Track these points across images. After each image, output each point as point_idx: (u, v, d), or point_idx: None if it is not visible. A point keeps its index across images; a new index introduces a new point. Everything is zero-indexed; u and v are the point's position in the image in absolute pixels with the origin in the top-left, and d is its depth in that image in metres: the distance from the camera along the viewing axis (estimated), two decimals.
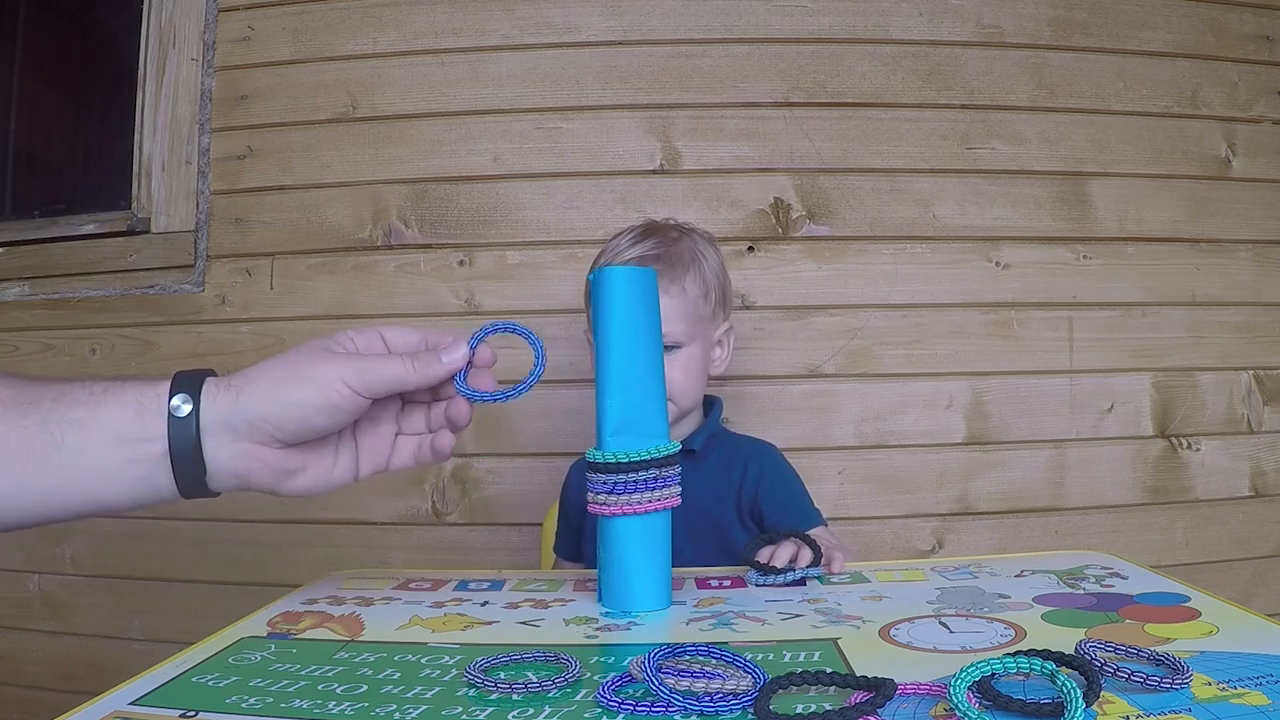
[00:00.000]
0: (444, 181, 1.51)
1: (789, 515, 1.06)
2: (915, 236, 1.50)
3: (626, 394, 0.74)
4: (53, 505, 0.56)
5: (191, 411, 0.57)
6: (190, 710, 0.50)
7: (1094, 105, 1.53)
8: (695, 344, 1.12)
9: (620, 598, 0.72)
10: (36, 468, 0.55)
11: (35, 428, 0.55)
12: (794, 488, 1.13)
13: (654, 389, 0.76)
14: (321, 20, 1.54)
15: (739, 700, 0.47)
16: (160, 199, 1.60)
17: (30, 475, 0.55)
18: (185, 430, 0.57)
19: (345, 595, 0.78)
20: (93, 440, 0.56)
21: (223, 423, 0.58)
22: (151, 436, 0.57)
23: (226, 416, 0.58)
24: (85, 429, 0.56)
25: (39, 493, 0.56)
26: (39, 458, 0.55)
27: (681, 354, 1.10)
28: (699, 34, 1.50)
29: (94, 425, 0.56)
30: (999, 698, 0.45)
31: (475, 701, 0.51)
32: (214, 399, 0.58)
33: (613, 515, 0.72)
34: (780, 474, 1.14)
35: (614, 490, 0.72)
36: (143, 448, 0.57)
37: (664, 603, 0.73)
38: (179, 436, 0.57)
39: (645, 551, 0.73)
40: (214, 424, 0.58)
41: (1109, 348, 1.51)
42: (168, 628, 1.52)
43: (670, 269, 1.11)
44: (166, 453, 0.57)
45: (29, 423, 0.55)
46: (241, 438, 0.59)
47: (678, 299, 1.10)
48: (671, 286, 1.10)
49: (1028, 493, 1.49)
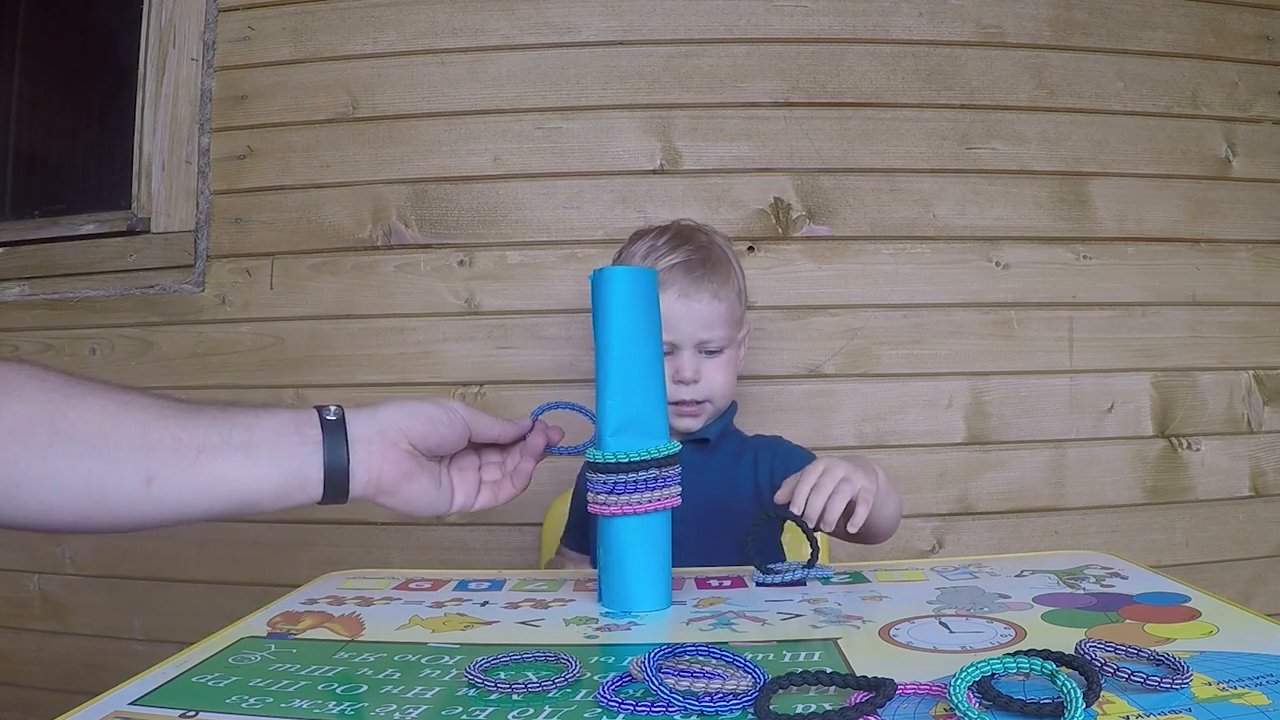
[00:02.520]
0: (444, 181, 1.51)
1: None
2: (915, 236, 1.50)
3: (626, 394, 0.74)
4: (215, 495, 0.64)
5: (340, 417, 0.70)
6: (190, 710, 0.51)
7: (1094, 105, 1.53)
8: (733, 346, 1.15)
9: (620, 598, 0.72)
10: (206, 460, 0.64)
11: (205, 429, 0.64)
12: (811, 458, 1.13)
13: (654, 389, 0.76)
14: (321, 20, 1.54)
15: (739, 700, 0.47)
16: (160, 199, 1.60)
17: (201, 466, 0.63)
18: (335, 429, 0.69)
19: (345, 595, 0.78)
20: (257, 438, 0.66)
21: (364, 424, 0.70)
22: (306, 435, 0.68)
23: (366, 420, 0.71)
24: (251, 430, 0.66)
25: (207, 483, 0.64)
26: (209, 452, 0.64)
27: (724, 357, 1.13)
28: (699, 34, 1.50)
29: (258, 427, 0.66)
30: (999, 698, 0.45)
31: (475, 701, 0.51)
32: (356, 413, 0.71)
33: (612, 515, 0.73)
34: (794, 451, 1.15)
35: (614, 490, 0.72)
36: (299, 445, 0.67)
37: (664, 603, 0.73)
38: (331, 434, 0.68)
39: (645, 551, 0.73)
40: (357, 427, 0.70)
41: (1109, 348, 1.51)
42: (168, 628, 1.52)
43: (714, 273, 1.13)
44: (319, 445, 0.68)
45: (198, 425, 0.64)
46: (377, 438, 0.70)
47: (725, 304, 1.12)
48: (721, 290, 1.12)
49: (1028, 493, 1.49)
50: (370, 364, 1.51)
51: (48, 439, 0.60)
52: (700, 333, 1.11)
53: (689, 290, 1.11)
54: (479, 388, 1.49)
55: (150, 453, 0.62)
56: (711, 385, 1.12)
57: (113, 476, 0.61)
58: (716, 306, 1.12)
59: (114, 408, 0.63)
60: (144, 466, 0.62)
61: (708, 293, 1.11)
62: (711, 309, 1.11)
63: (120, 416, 0.63)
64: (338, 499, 0.69)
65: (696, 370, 1.11)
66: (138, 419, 0.63)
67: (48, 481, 0.60)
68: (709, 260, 1.14)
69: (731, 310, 1.14)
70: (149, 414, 0.64)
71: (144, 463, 0.62)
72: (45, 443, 0.60)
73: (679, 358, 1.11)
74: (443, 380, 1.49)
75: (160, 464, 0.62)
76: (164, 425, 0.63)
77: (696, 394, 1.11)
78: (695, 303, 1.11)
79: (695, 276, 1.12)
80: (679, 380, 1.11)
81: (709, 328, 1.11)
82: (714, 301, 1.11)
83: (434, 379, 1.49)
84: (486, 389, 1.49)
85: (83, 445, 0.61)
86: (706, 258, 1.14)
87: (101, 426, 0.61)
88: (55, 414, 0.60)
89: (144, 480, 0.62)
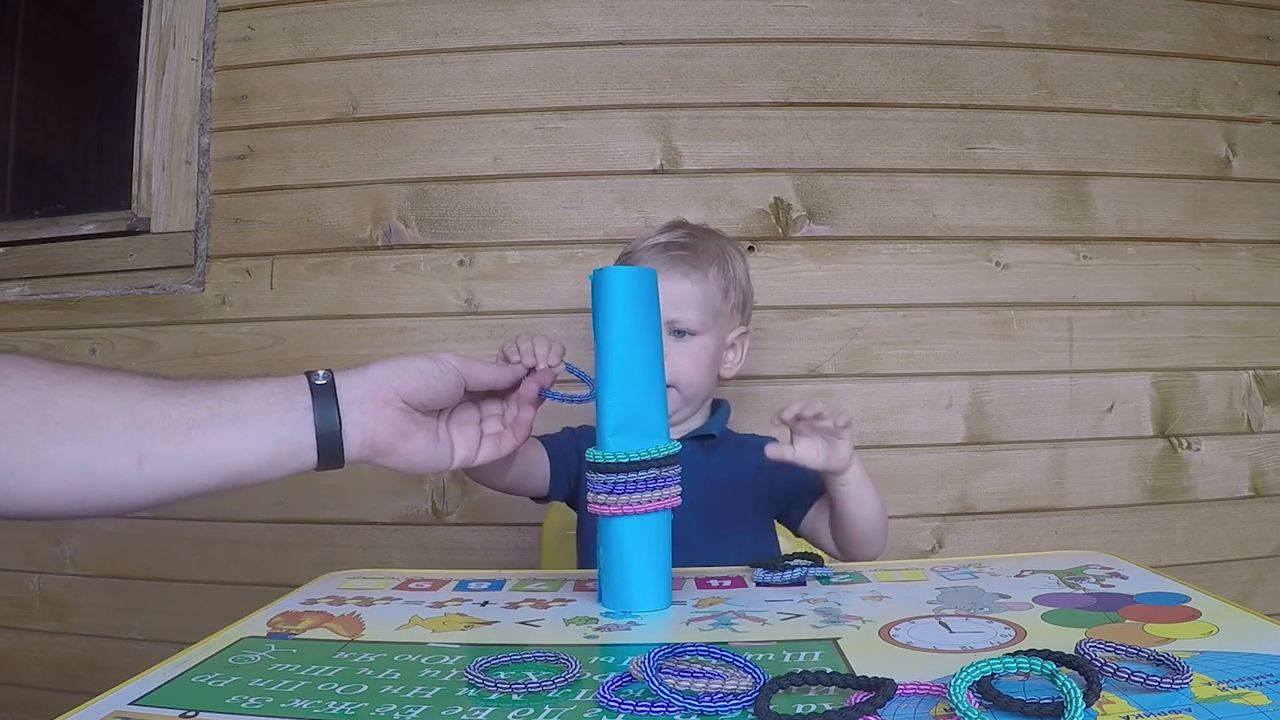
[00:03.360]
0: (444, 181, 1.51)
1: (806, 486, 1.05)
2: (915, 236, 1.50)
3: (626, 394, 0.74)
4: (208, 469, 0.64)
5: (329, 381, 0.69)
6: (190, 710, 0.51)
7: (1094, 105, 1.53)
8: (709, 336, 1.11)
9: (620, 598, 0.72)
10: (196, 435, 0.63)
11: (193, 404, 0.64)
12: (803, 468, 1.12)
13: (654, 389, 0.76)
14: (321, 20, 1.54)
15: (739, 700, 0.47)
16: (160, 199, 1.60)
17: (191, 441, 0.63)
18: (325, 393, 0.68)
19: (345, 595, 0.78)
20: (247, 409, 0.65)
21: (354, 386, 0.70)
22: (296, 401, 0.67)
23: (356, 382, 0.70)
24: (240, 401, 0.65)
25: (198, 457, 0.63)
26: (199, 427, 0.63)
27: (694, 342, 1.10)
28: (699, 34, 1.50)
29: (247, 397, 0.66)
30: (999, 698, 0.45)
31: (475, 701, 0.51)
32: (345, 375, 0.70)
33: (613, 515, 0.73)
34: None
35: (614, 490, 0.72)
36: (289, 412, 0.66)
37: (664, 603, 0.73)
38: (321, 398, 0.68)
39: (645, 551, 0.73)
40: (347, 390, 0.69)
41: (1109, 348, 1.51)
42: (168, 628, 1.51)
43: (695, 256, 1.12)
44: (309, 410, 0.67)
45: (186, 400, 0.64)
46: (368, 399, 0.70)
47: (699, 285, 1.10)
48: (694, 273, 1.10)
49: (1028, 493, 1.49)
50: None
51: (37, 426, 0.59)
52: (668, 311, 1.07)
53: (661, 267, 1.08)
54: None
55: (140, 432, 0.62)
56: (674, 369, 1.07)
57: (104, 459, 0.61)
58: (687, 286, 1.09)
59: (102, 389, 0.62)
60: (134, 446, 0.61)
61: (679, 272, 1.09)
62: (681, 288, 1.09)
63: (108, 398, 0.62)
64: (334, 464, 0.68)
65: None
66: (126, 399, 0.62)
67: (41, 469, 0.59)
68: (690, 245, 1.13)
69: (708, 297, 1.11)
70: (136, 393, 0.63)
71: (134, 442, 0.61)
72: (35, 430, 0.59)
73: None
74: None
75: (151, 443, 0.62)
76: (152, 403, 0.63)
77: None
78: (664, 279, 1.08)
79: (670, 255, 1.11)
80: None
81: (677, 307, 1.08)
82: (684, 280, 1.09)
83: None
84: None
85: (72, 429, 0.60)
86: (689, 244, 1.13)
87: (90, 409, 0.61)
88: (44, 400, 0.60)
89: (135, 460, 0.61)
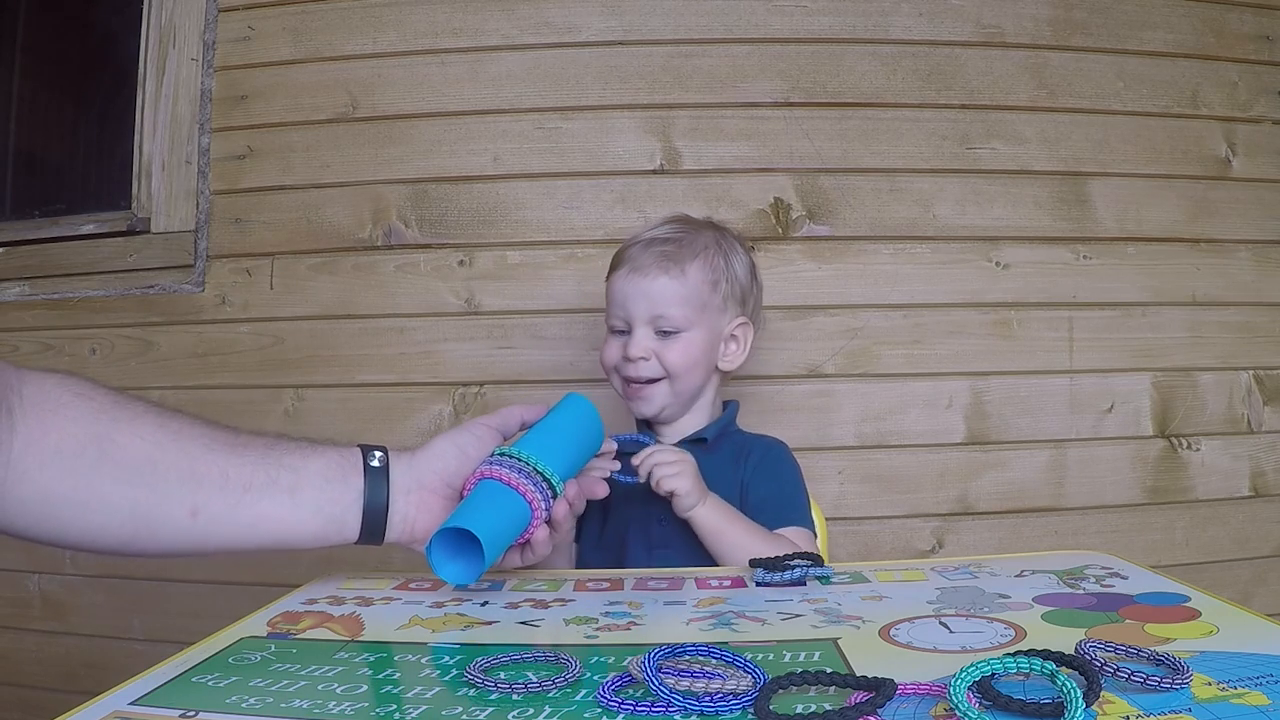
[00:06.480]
0: (444, 181, 1.51)
1: (768, 509, 1.05)
2: (915, 236, 1.50)
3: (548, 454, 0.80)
4: (258, 534, 0.67)
5: (384, 465, 0.72)
6: (190, 710, 0.50)
7: (1094, 105, 1.52)
8: (696, 330, 1.11)
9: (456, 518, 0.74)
10: (251, 500, 0.65)
11: (251, 467, 0.66)
12: (784, 481, 1.11)
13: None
14: (321, 20, 1.54)
15: (739, 700, 0.47)
16: (160, 199, 1.60)
17: (246, 505, 0.65)
18: (378, 477, 0.72)
19: (345, 595, 0.78)
20: (303, 481, 0.68)
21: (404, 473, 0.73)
22: (350, 483, 0.70)
23: (407, 469, 0.74)
24: (298, 473, 0.68)
25: (250, 521, 0.66)
26: (255, 491, 0.66)
27: (680, 339, 1.10)
28: (699, 34, 1.50)
29: (305, 469, 0.69)
30: (999, 698, 0.45)
31: (475, 701, 0.51)
32: (399, 458, 0.74)
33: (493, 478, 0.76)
34: (775, 467, 1.13)
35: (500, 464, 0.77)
36: (344, 493, 0.70)
37: (469, 578, 0.75)
38: (373, 482, 0.71)
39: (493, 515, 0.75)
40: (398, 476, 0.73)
41: (1109, 348, 1.51)
42: (168, 628, 1.51)
43: (678, 251, 1.11)
44: (361, 494, 0.71)
45: (245, 462, 0.66)
46: (415, 487, 0.74)
47: (677, 280, 1.10)
48: (673, 268, 1.10)
49: (1028, 493, 1.49)
50: (370, 364, 1.51)
51: (94, 462, 0.60)
52: (650, 309, 1.09)
53: (642, 265, 1.09)
54: (479, 388, 1.49)
55: (197, 486, 0.63)
56: (664, 363, 1.09)
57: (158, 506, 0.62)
58: (665, 282, 1.09)
59: (162, 436, 0.64)
60: (190, 500, 0.63)
61: (658, 268, 1.09)
62: (659, 284, 1.09)
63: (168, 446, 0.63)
64: (372, 542, 0.72)
65: (646, 349, 1.08)
66: (185, 450, 0.64)
67: (93, 505, 0.60)
68: (676, 240, 1.13)
69: (694, 292, 1.10)
70: (196, 445, 0.65)
71: (190, 496, 0.63)
72: (92, 466, 0.60)
73: (630, 337, 1.10)
74: (443, 380, 1.49)
75: (206, 499, 0.63)
76: (211, 459, 0.64)
77: (642, 371, 1.09)
78: (643, 277, 1.09)
79: (653, 252, 1.11)
80: (626, 358, 1.09)
81: (658, 305, 1.08)
82: (662, 276, 1.09)
83: (434, 379, 1.49)
84: (486, 389, 1.49)
85: (131, 472, 0.61)
86: (675, 238, 1.13)
87: (150, 455, 0.62)
88: (103, 437, 0.61)
89: (189, 513, 0.63)
